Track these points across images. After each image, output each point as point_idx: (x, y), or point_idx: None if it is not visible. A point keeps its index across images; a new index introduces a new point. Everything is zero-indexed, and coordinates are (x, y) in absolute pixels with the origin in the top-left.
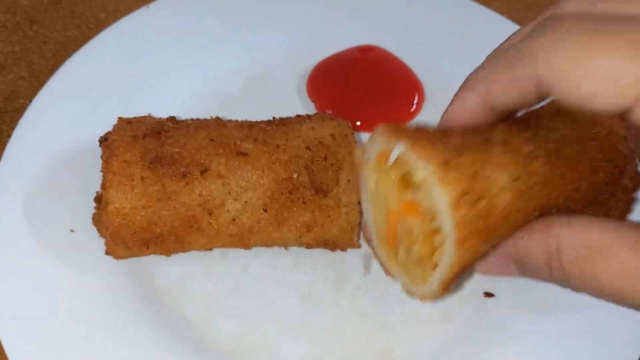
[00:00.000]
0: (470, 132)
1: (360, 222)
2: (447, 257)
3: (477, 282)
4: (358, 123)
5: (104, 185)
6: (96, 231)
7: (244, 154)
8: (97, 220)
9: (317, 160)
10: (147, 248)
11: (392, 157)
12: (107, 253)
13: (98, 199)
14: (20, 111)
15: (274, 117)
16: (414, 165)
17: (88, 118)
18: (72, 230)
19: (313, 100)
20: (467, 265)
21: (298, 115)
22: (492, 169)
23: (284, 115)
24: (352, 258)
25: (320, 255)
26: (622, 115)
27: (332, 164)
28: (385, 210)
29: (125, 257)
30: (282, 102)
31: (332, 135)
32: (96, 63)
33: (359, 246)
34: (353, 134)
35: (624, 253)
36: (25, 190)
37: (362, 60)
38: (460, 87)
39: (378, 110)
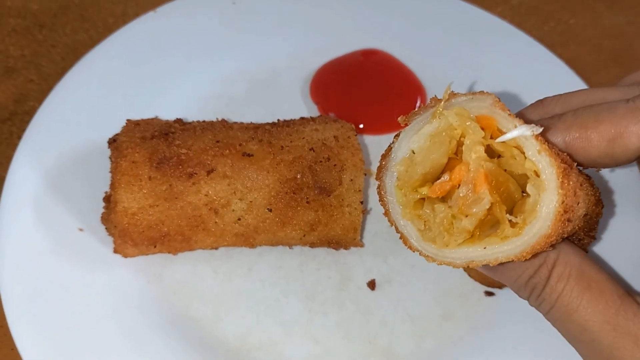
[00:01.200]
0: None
1: (362, 221)
2: (509, 252)
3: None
4: (361, 126)
5: (112, 185)
6: (104, 230)
7: (249, 155)
8: (105, 219)
9: (321, 161)
10: (155, 247)
11: (511, 135)
12: (115, 251)
13: (107, 199)
14: (30, 114)
15: (278, 119)
16: (536, 157)
17: (96, 120)
18: (81, 229)
19: (316, 103)
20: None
21: (302, 118)
22: (581, 196)
23: (288, 118)
24: (355, 258)
25: (324, 255)
26: None
27: (335, 165)
28: (446, 159)
29: (133, 255)
30: (286, 104)
31: (335, 137)
32: (104, 66)
33: (361, 245)
34: (356, 135)
35: (612, 297)
36: (35, 190)
37: (366, 64)
38: (548, 123)
39: (381, 113)
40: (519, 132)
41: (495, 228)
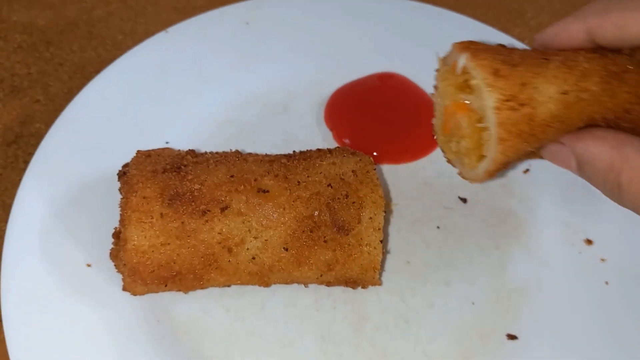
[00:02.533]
0: (534, 51)
1: (382, 260)
2: (491, 152)
3: (501, 324)
4: (375, 153)
5: (122, 222)
6: (113, 266)
7: (265, 191)
8: (114, 255)
9: (339, 198)
10: (165, 285)
11: (459, 65)
12: (124, 289)
13: (116, 235)
14: (36, 136)
15: (294, 151)
16: (473, 72)
17: (105, 147)
18: (88, 265)
19: (331, 129)
20: (511, 159)
21: (319, 149)
22: (541, 81)
23: (302, 144)
24: (371, 296)
25: (339, 293)
26: None
27: (353, 202)
28: (443, 106)
29: (143, 293)
30: (300, 129)
31: (353, 171)
32: (113, 89)
33: (379, 283)
34: (375, 169)
35: None
36: (42, 222)
37: (381, 88)
38: (572, 15)
39: (397, 138)
40: (461, 62)
41: None
